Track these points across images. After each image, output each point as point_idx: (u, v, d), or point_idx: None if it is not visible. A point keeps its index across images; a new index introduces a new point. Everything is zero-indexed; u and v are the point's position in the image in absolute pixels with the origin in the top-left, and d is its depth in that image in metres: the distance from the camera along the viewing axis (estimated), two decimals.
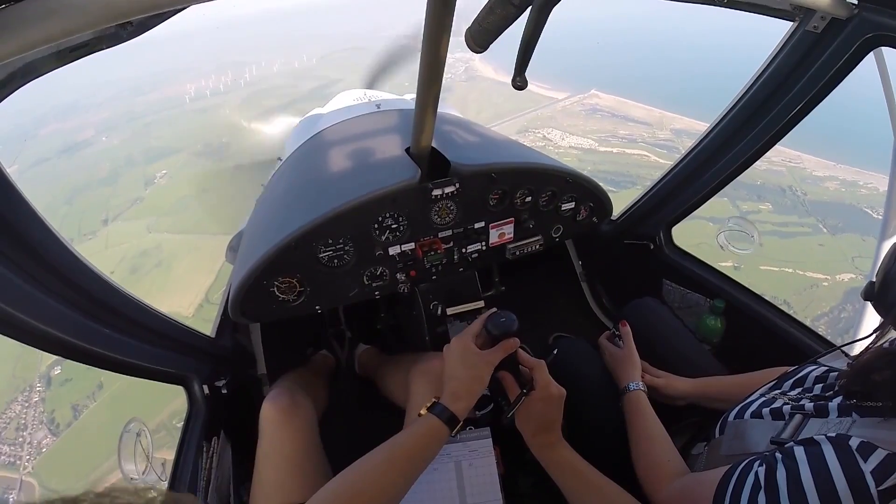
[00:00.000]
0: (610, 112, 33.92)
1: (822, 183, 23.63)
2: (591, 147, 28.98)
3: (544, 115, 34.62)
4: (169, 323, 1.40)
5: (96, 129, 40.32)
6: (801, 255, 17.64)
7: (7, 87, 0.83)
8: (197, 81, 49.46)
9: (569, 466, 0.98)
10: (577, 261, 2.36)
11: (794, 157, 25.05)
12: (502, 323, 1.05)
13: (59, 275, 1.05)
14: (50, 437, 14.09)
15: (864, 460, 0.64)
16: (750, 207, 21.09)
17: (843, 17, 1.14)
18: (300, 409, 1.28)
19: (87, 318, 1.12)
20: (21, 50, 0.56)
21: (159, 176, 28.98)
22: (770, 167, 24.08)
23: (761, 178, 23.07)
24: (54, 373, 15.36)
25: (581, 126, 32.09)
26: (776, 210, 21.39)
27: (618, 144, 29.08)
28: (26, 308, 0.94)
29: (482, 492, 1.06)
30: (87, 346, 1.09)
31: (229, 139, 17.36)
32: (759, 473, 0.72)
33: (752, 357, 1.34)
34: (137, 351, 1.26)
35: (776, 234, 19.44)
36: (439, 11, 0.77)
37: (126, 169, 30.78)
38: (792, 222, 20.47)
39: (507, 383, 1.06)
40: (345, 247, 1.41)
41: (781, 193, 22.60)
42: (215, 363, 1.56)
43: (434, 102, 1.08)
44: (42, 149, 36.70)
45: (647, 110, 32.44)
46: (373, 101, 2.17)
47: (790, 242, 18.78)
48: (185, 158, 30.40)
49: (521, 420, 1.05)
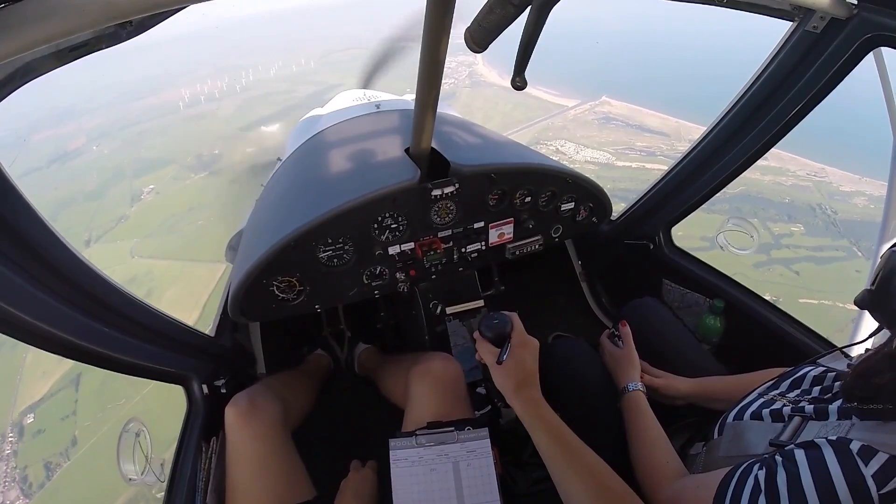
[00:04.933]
0: (624, 121, 32.78)
1: (850, 199, 23.10)
2: (608, 161, 28.01)
3: (555, 124, 33.65)
4: (168, 322, 1.40)
5: (88, 136, 40.04)
6: (839, 283, 16.87)
7: (7, 87, 0.83)
8: (192, 86, 49.20)
9: (553, 426, 0.97)
10: (576, 261, 2.36)
11: (819, 171, 24.50)
12: (495, 325, 1.07)
13: (59, 274, 1.05)
14: (22, 500, 13.40)
15: (864, 464, 0.64)
16: (782, 229, 20.67)
17: (842, 17, 1.14)
18: (260, 412, 1.27)
19: (88, 318, 1.12)
20: (20, 50, 0.56)
21: (146, 191, 28.42)
22: (797, 182, 23.66)
23: (789, 195, 22.64)
24: (27, 421, 14.98)
25: (595, 137, 31.05)
26: (808, 232, 20.88)
27: (636, 158, 28.16)
28: (27, 307, 0.94)
29: (480, 492, 1.06)
30: (87, 345, 1.09)
31: (221, 150, 17.23)
32: (758, 476, 0.72)
33: (752, 357, 1.34)
34: (137, 350, 1.26)
35: (812, 261, 18.99)
36: (439, 11, 0.77)
37: (114, 182, 30.27)
38: (826, 245, 19.96)
39: (486, 347, 1.09)
40: (344, 246, 1.41)
41: (811, 213, 22.09)
42: (215, 363, 1.56)
43: (434, 103, 1.08)
44: (34, 157, 36.40)
45: (663, 119, 31.45)
46: (372, 101, 2.17)
47: (827, 270, 18.23)
48: (175, 171, 29.87)
49: (503, 374, 1.04)
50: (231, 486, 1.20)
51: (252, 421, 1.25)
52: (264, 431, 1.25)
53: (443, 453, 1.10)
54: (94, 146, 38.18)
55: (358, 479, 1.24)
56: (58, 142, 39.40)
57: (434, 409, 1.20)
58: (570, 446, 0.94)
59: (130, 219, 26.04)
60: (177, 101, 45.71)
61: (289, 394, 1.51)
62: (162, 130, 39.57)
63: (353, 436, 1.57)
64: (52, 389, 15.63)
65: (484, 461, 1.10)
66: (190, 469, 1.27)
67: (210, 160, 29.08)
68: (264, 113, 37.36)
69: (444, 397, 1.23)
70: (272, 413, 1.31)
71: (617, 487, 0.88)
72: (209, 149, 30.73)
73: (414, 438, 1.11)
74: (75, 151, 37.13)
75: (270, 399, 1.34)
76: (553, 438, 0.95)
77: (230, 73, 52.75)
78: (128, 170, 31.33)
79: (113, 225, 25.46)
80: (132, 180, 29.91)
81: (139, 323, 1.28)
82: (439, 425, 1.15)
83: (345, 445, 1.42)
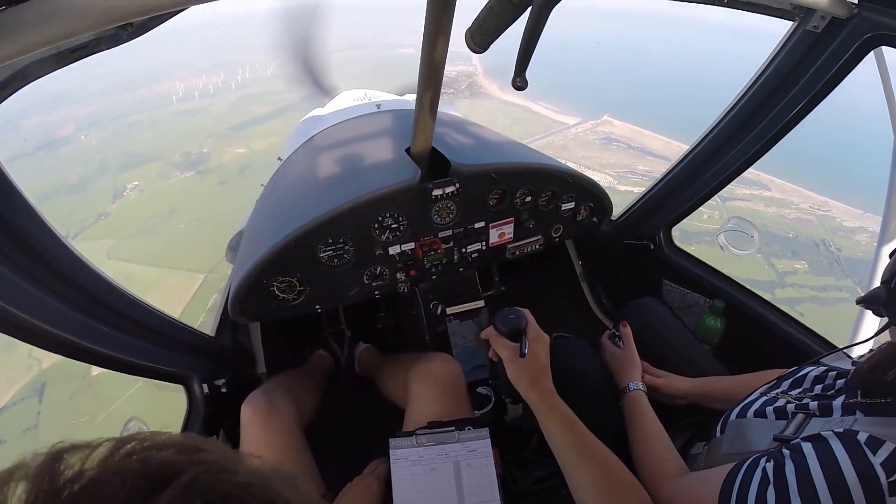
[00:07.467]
0: (626, 143, 32.28)
1: (853, 236, 22.89)
2: (610, 185, 27.36)
3: (556, 142, 33.11)
4: (169, 322, 1.40)
5: (78, 125, 39.19)
6: (845, 327, 16.32)
7: (7, 90, 0.83)
8: (188, 80, 48.54)
9: (567, 417, 0.98)
10: (576, 261, 2.35)
11: (822, 204, 24.31)
12: (511, 320, 1.08)
13: (59, 273, 1.05)
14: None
15: (873, 453, 0.64)
16: (786, 267, 20.45)
17: (843, 16, 1.14)
18: (278, 411, 1.28)
19: (88, 317, 1.13)
20: (21, 52, 0.56)
21: (130, 188, 27.61)
22: (799, 215, 23.44)
23: (793, 230, 22.38)
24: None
25: (597, 159, 30.55)
26: (812, 270, 20.66)
27: (638, 183, 27.71)
28: (27, 307, 0.94)
29: (481, 492, 1.06)
30: (87, 344, 1.09)
31: (210, 149, 16.81)
32: (766, 469, 0.72)
33: (752, 357, 1.35)
34: (137, 349, 1.26)
35: (817, 301, 18.82)
36: (438, 12, 0.77)
37: (98, 176, 29.37)
38: (830, 285, 19.75)
39: (503, 341, 1.08)
40: (345, 246, 1.41)
41: (815, 249, 21.88)
42: (215, 362, 1.57)
43: (434, 103, 1.08)
44: (21, 142, 35.51)
45: (665, 142, 31.02)
46: (373, 101, 2.17)
47: (831, 312, 17.94)
48: (160, 168, 29.03)
49: (520, 367, 1.04)
50: None
51: (270, 419, 1.25)
52: (282, 429, 1.26)
53: (443, 453, 1.10)
54: (82, 135, 37.41)
55: (362, 486, 1.19)
56: (46, 129, 38.58)
57: (434, 408, 1.21)
58: (583, 437, 0.95)
59: (111, 216, 25.15)
60: (171, 94, 45.03)
61: (299, 393, 1.51)
62: (152, 124, 38.71)
63: (353, 435, 1.58)
64: (15, 398, 14.83)
65: (484, 461, 1.10)
66: None
67: (198, 159, 28.34)
68: (258, 112, 36.83)
69: (444, 397, 1.24)
70: (289, 411, 1.32)
71: (625, 478, 0.89)
72: (198, 147, 29.99)
73: (414, 438, 1.12)
74: (63, 139, 36.39)
75: (286, 398, 1.35)
76: (566, 429, 0.96)
77: (227, 68, 52.21)
78: (113, 163, 30.44)
79: (92, 222, 24.54)
80: (116, 175, 29.04)
81: (139, 322, 1.29)
82: (440, 425, 1.15)
83: (345, 445, 1.42)
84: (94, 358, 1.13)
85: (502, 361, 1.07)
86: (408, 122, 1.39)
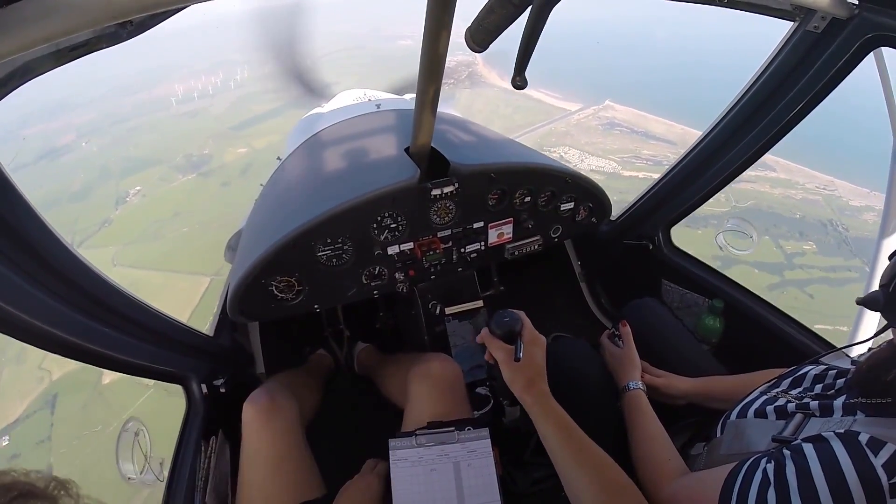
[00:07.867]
0: (629, 128, 31.93)
1: (860, 215, 22.73)
2: (614, 171, 27.26)
3: (558, 129, 32.77)
4: (168, 322, 1.40)
5: (78, 132, 39.06)
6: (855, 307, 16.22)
7: (5, 87, 0.83)
8: (187, 81, 48.18)
9: (562, 420, 0.97)
10: (576, 261, 2.36)
11: (827, 183, 24.13)
12: (506, 322, 1.07)
13: (58, 274, 1.04)
14: None
15: (874, 454, 0.64)
16: (794, 248, 20.25)
17: (843, 17, 1.14)
18: (280, 410, 1.27)
19: (87, 317, 1.12)
20: (20, 49, 0.56)
21: (132, 193, 27.50)
22: (806, 196, 23.23)
23: (800, 210, 22.17)
24: (2, 444, 13.97)
25: (600, 144, 30.19)
26: (821, 250, 20.47)
27: (643, 168, 27.32)
28: (27, 307, 0.94)
29: (481, 493, 1.06)
30: (86, 344, 1.09)
31: (211, 150, 16.67)
32: (767, 470, 0.72)
33: (751, 357, 1.35)
34: (136, 350, 1.26)
35: (826, 282, 18.60)
36: (439, 11, 0.77)
37: (100, 182, 29.28)
38: (839, 266, 19.57)
39: (498, 343, 1.07)
40: (343, 246, 1.41)
41: (823, 229, 21.68)
42: (214, 362, 1.56)
43: (433, 102, 1.08)
44: (23, 152, 35.38)
45: (668, 126, 30.60)
46: (372, 100, 2.18)
47: (841, 292, 17.79)
48: (162, 172, 28.93)
49: (515, 370, 1.03)
50: (245, 483, 1.19)
51: (273, 418, 1.25)
52: (284, 428, 1.26)
53: (443, 453, 1.10)
54: (83, 143, 37.23)
55: (362, 485, 1.19)
56: (47, 137, 38.37)
57: (434, 409, 1.20)
58: (578, 440, 0.95)
59: (114, 223, 25.03)
60: (170, 96, 44.76)
61: (301, 392, 1.51)
62: (152, 127, 38.51)
63: (352, 435, 1.57)
64: (28, 411, 14.71)
65: (484, 461, 1.10)
66: (189, 468, 1.27)
67: (199, 161, 28.24)
68: (258, 111, 36.57)
69: (443, 397, 1.24)
70: (291, 411, 1.31)
71: (621, 480, 0.89)
72: (199, 148, 29.91)
73: (414, 438, 1.11)
74: (64, 147, 36.20)
75: (288, 397, 1.35)
76: (561, 432, 0.96)
77: (225, 68, 51.95)
78: (115, 169, 30.36)
79: (96, 229, 24.42)
80: (118, 180, 28.96)
81: (138, 323, 1.28)
82: (439, 425, 1.15)
83: (344, 445, 1.42)
84: (93, 358, 1.13)
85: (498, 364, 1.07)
86: (407, 122, 1.39)
